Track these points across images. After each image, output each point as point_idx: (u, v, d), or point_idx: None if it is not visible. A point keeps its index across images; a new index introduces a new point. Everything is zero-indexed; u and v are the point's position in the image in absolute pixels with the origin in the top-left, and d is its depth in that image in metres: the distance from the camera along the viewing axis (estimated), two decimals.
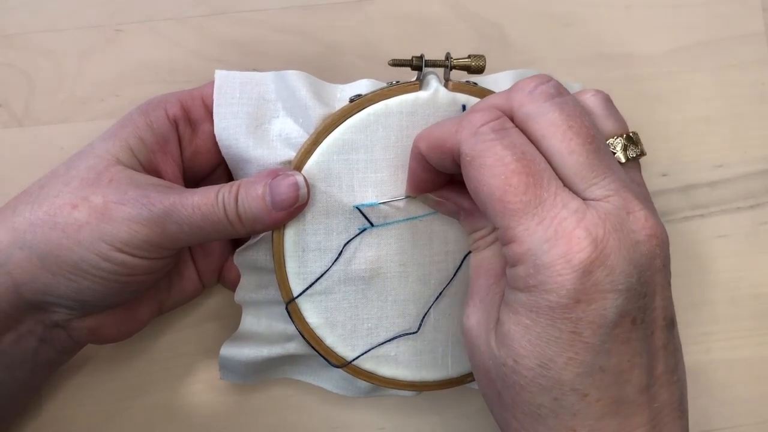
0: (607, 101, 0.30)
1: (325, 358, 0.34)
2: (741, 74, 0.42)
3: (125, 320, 0.34)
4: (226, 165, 0.35)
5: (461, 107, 0.33)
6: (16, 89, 0.39)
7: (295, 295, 0.33)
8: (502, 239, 0.26)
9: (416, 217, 0.33)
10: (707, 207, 0.41)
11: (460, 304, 0.34)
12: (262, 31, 0.41)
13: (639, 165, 0.30)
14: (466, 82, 0.33)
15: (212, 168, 0.36)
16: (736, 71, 0.42)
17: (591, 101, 0.29)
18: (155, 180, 0.32)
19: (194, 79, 0.40)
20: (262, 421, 0.39)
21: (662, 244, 0.26)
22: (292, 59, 0.40)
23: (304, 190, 0.31)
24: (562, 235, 0.25)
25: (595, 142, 0.26)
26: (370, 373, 0.34)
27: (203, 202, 0.30)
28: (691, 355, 0.40)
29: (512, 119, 0.27)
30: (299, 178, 0.31)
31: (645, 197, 0.28)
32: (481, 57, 0.33)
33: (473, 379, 0.35)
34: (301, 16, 0.41)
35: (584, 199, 0.26)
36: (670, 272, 0.27)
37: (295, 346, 0.34)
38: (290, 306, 0.33)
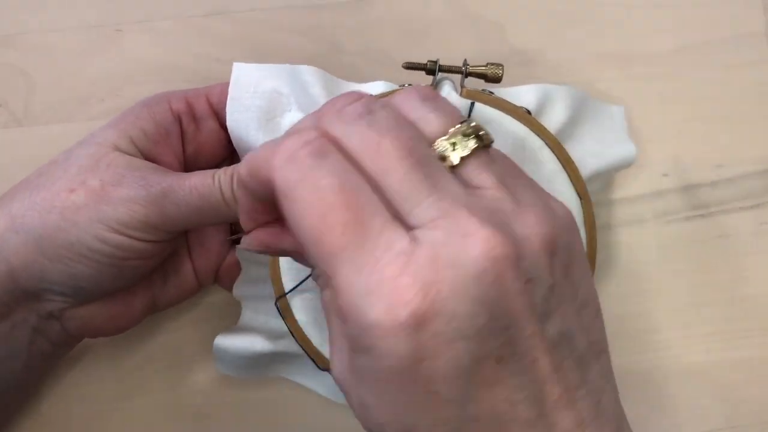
0: (425, 98, 0.24)
1: (312, 359, 0.33)
2: (741, 74, 0.42)
3: (119, 314, 0.34)
4: (229, 162, 0.35)
5: (469, 105, 0.32)
6: (16, 89, 0.39)
7: (286, 290, 0.33)
8: (329, 288, 0.22)
9: None
10: (707, 207, 0.41)
11: None
12: (262, 31, 0.41)
13: (484, 156, 0.24)
14: (482, 90, 0.33)
15: (215, 165, 0.36)
16: (736, 71, 0.42)
17: (407, 106, 0.24)
18: (153, 165, 0.32)
19: (194, 78, 0.40)
20: (263, 420, 0.39)
21: (514, 264, 0.21)
22: (292, 59, 0.40)
23: None
24: (386, 284, 0.20)
25: (414, 155, 0.22)
26: None
27: (200, 183, 0.30)
28: (691, 355, 0.40)
29: None
30: None
31: (490, 207, 0.23)
32: (499, 66, 0.32)
33: None
34: (302, 15, 0.41)
35: (413, 227, 0.22)
36: (549, 280, 0.22)
37: (286, 344, 0.34)
38: (281, 302, 0.33)
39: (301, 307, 0.33)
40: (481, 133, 0.24)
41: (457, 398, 0.21)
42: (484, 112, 0.32)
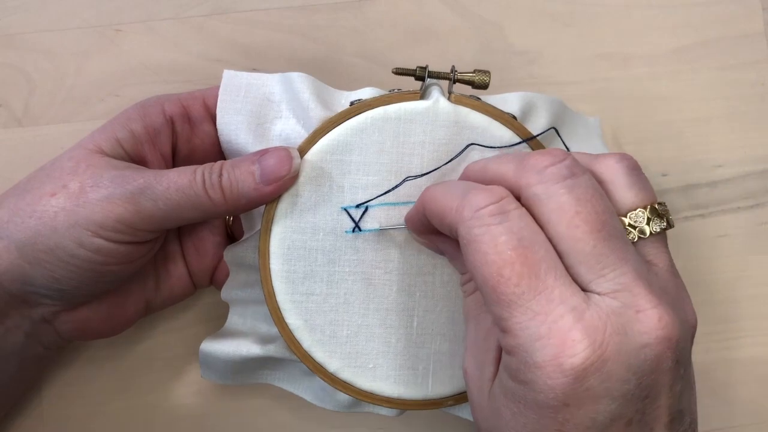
0: (632, 169, 0.28)
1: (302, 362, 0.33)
2: (741, 74, 0.42)
3: (111, 316, 0.34)
4: None
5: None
6: (16, 89, 0.39)
7: (277, 293, 0.33)
8: (497, 326, 0.25)
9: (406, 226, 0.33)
10: (707, 207, 0.41)
11: (445, 322, 0.34)
12: (262, 31, 0.41)
13: (664, 238, 0.28)
14: (470, 96, 0.33)
15: None
16: (736, 71, 0.42)
17: (613, 169, 0.28)
18: (133, 164, 0.32)
19: (194, 79, 0.40)
20: (258, 419, 0.39)
21: (675, 345, 0.24)
22: (292, 59, 0.40)
23: (298, 161, 0.32)
24: (556, 334, 0.23)
25: (606, 228, 0.25)
26: (347, 383, 0.33)
27: (179, 177, 0.31)
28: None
29: (519, 197, 0.26)
30: (293, 150, 0.32)
31: (663, 287, 0.26)
32: (486, 73, 0.33)
33: (454, 403, 0.34)
34: (301, 16, 0.41)
35: (589, 292, 0.25)
36: (686, 363, 0.26)
37: (274, 349, 0.34)
38: (271, 305, 0.33)
39: (292, 311, 0.33)
40: (669, 216, 0.28)
41: None
42: (471, 117, 0.32)
